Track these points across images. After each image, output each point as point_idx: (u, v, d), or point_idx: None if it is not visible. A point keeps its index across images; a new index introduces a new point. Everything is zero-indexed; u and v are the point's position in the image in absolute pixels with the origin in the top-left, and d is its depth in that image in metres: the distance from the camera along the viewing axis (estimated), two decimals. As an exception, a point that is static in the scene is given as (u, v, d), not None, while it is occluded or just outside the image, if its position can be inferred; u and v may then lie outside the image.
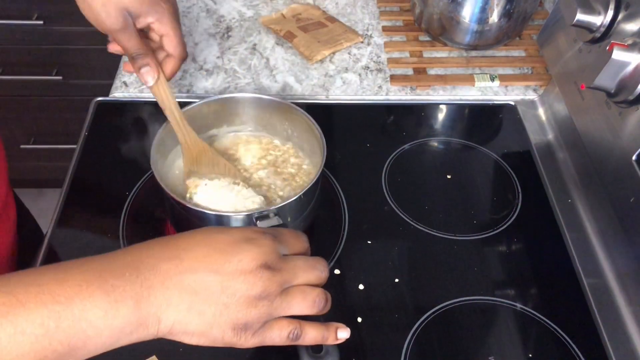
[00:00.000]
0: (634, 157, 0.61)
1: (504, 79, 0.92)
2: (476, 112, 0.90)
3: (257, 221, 0.59)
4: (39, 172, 1.77)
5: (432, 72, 0.93)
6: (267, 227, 0.57)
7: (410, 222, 0.73)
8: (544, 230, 0.73)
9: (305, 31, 0.98)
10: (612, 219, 0.68)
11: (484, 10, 0.88)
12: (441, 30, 0.93)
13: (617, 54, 0.60)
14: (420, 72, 0.93)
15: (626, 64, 0.61)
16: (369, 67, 0.94)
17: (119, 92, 0.89)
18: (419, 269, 0.68)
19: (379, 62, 0.95)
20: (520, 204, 0.75)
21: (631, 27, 0.64)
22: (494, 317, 0.64)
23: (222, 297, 0.44)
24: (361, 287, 0.66)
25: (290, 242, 0.50)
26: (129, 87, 0.90)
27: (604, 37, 0.69)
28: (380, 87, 0.91)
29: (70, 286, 0.40)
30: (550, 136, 0.85)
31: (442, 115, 0.90)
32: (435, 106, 0.90)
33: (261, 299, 0.45)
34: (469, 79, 0.91)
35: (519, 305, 0.65)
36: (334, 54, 0.96)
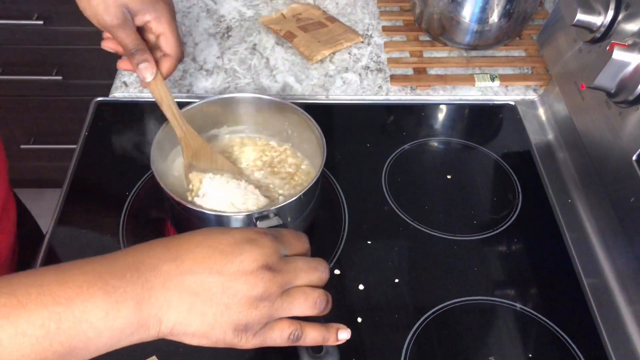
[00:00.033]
0: (634, 157, 0.61)
1: (504, 79, 0.92)
2: (476, 112, 0.90)
3: (257, 221, 0.59)
4: (39, 172, 1.77)
5: (432, 72, 0.93)
6: (268, 227, 0.57)
7: (410, 222, 0.73)
8: (544, 230, 0.73)
9: (305, 31, 0.98)
10: (612, 219, 0.68)
11: (484, 10, 0.88)
12: (441, 30, 0.93)
13: (618, 54, 0.61)
14: (420, 72, 0.93)
15: (626, 64, 0.61)
16: (369, 67, 0.94)
17: (119, 92, 0.89)
18: (419, 269, 0.68)
19: (379, 62, 0.95)
20: (520, 204, 0.75)
21: (631, 27, 0.64)
22: (494, 317, 0.64)
23: (223, 297, 0.44)
24: (361, 287, 0.66)
25: (291, 243, 0.50)
26: (129, 87, 0.90)
27: (604, 37, 0.69)
28: (380, 87, 0.91)
29: (70, 287, 0.40)
30: (550, 136, 0.85)
31: (442, 115, 0.90)
32: (435, 106, 0.90)
33: (262, 299, 0.45)
34: (469, 79, 0.91)
35: (519, 305, 0.65)
36: (334, 54, 0.96)
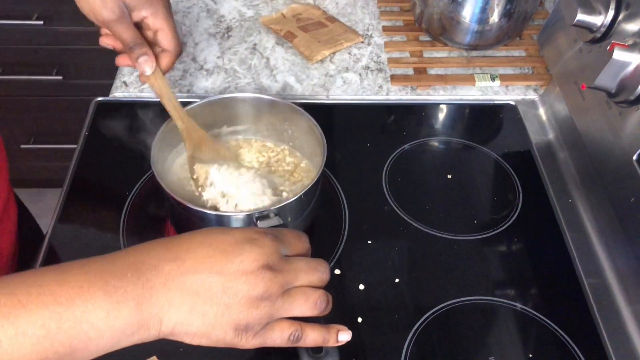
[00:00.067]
0: (635, 157, 0.61)
1: (505, 78, 0.92)
2: (477, 112, 0.90)
3: (257, 221, 0.59)
4: (39, 172, 1.77)
5: (432, 72, 0.93)
6: (268, 227, 0.57)
7: (410, 222, 0.73)
8: (544, 230, 0.73)
9: (305, 31, 0.98)
10: (612, 219, 0.68)
11: (485, 10, 0.88)
12: (441, 30, 0.93)
13: (618, 54, 0.61)
14: (420, 72, 0.93)
15: (627, 64, 0.61)
16: (369, 67, 0.94)
17: (119, 92, 0.89)
18: (419, 269, 0.68)
19: (379, 62, 0.95)
20: (520, 204, 0.75)
21: (632, 27, 0.64)
22: (494, 317, 0.64)
23: (224, 297, 0.44)
24: (361, 287, 0.66)
25: (291, 243, 0.50)
26: (129, 87, 0.90)
27: (605, 37, 0.69)
28: (380, 87, 0.91)
29: (71, 287, 0.40)
30: (550, 136, 0.85)
31: (442, 115, 0.90)
32: (435, 106, 0.90)
33: (263, 299, 0.45)
34: (470, 79, 0.91)
35: (519, 305, 0.65)
36: (334, 53, 0.96)
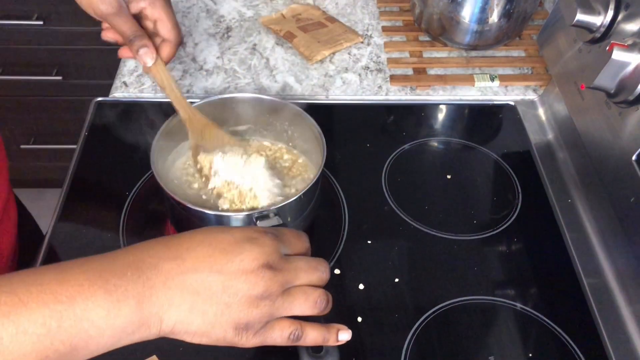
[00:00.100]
0: (634, 157, 0.61)
1: (504, 79, 0.92)
2: (476, 112, 0.90)
3: (257, 221, 0.59)
4: (39, 172, 1.77)
5: (432, 72, 0.93)
6: (268, 227, 0.57)
7: (410, 222, 0.73)
8: (544, 230, 0.73)
9: (305, 31, 0.98)
10: (612, 219, 0.68)
11: (484, 10, 0.88)
12: (441, 30, 0.93)
13: (617, 54, 0.61)
14: (420, 72, 0.93)
15: (626, 64, 0.61)
16: (368, 67, 0.94)
17: (119, 92, 0.89)
18: (419, 269, 0.68)
19: (379, 62, 0.95)
20: (520, 204, 0.75)
21: (631, 27, 0.64)
22: (494, 317, 0.64)
23: (224, 296, 0.44)
24: (361, 287, 0.66)
25: (291, 242, 0.50)
26: (129, 87, 0.90)
27: (604, 37, 0.69)
28: (380, 87, 0.91)
29: (72, 286, 0.40)
30: (550, 136, 0.85)
31: (442, 115, 0.90)
32: (435, 106, 0.90)
33: (263, 298, 0.45)
34: (469, 79, 0.92)
35: (519, 305, 0.65)
36: (334, 54, 0.96)
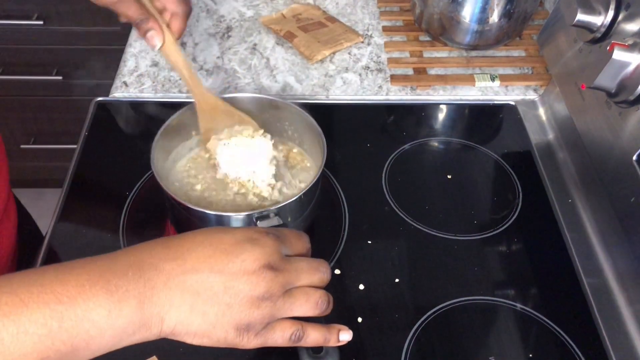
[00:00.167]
0: (634, 157, 0.61)
1: (504, 79, 0.92)
2: (476, 112, 0.90)
3: (257, 221, 0.59)
4: (39, 172, 1.77)
5: (432, 72, 0.93)
6: (268, 227, 0.57)
7: (410, 222, 0.73)
8: (544, 230, 0.73)
9: (305, 31, 0.98)
10: (612, 219, 0.68)
11: (484, 10, 0.88)
12: (441, 30, 0.93)
13: (618, 54, 0.61)
14: (420, 72, 0.93)
15: (626, 64, 0.61)
16: (369, 67, 0.94)
17: (119, 92, 0.89)
18: (419, 269, 0.68)
19: (379, 62, 0.95)
20: (520, 204, 0.75)
21: (632, 27, 0.64)
22: (494, 317, 0.64)
23: (225, 297, 0.44)
24: (361, 287, 0.66)
25: (292, 243, 0.50)
26: (129, 87, 0.90)
27: (605, 37, 0.69)
28: (380, 87, 0.91)
29: (73, 286, 0.40)
30: (550, 136, 0.85)
31: (442, 115, 0.90)
32: (435, 106, 0.90)
33: (264, 299, 0.45)
34: (469, 79, 0.92)
35: (519, 305, 0.65)
36: (334, 54, 0.96)
